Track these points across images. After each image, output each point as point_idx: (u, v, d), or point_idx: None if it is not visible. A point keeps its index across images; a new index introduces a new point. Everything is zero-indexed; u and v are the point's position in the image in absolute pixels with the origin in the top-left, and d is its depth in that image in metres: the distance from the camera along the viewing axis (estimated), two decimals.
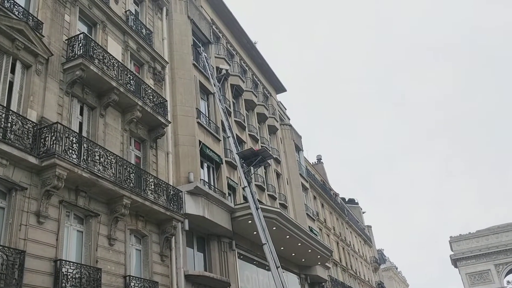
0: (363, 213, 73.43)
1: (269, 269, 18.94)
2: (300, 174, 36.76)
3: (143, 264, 16.02)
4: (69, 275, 12.32)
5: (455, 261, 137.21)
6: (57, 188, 12.33)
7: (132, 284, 14.57)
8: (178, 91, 21.34)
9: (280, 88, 38.70)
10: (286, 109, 41.26)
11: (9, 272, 10.65)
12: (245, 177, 19.93)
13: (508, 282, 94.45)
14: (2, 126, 11.58)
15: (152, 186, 16.49)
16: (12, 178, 11.65)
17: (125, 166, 15.28)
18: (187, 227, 18.18)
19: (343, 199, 62.65)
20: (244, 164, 20.37)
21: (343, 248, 49.16)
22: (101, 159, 14.23)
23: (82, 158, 13.46)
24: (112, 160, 14.69)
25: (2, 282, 10.44)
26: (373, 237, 73.46)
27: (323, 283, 34.84)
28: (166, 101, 19.50)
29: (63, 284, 12.04)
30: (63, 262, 12.32)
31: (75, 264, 12.73)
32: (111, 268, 14.06)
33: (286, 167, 35.07)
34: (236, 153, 20.46)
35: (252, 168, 21.13)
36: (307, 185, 39.22)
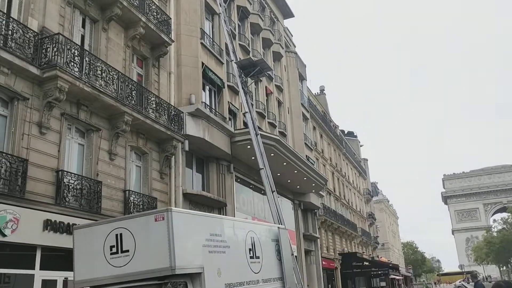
0: (361, 146, 74.26)
1: (264, 194, 19.46)
2: (301, 103, 36.68)
3: (142, 180, 16.43)
4: (71, 185, 12.70)
5: (445, 198, 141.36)
6: (58, 100, 12.35)
7: (131, 198, 15.04)
8: (183, 9, 20.71)
9: (287, 13, 37.52)
10: (292, 36, 40.29)
11: (12, 178, 10.96)
12: (246, 103, 19.87)
13: (494, 220, 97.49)
14: (2, 33, 11.37)
15: (154, 105, 16.52)
16: (14, 88, 11.63)
17: (126, 83, 15.21)
18: (187, 148, 18.45)
19: (342, 131, 63.05)
20: (242, 75, 20.03)
21: (338, 179, 50.27)
22: (103, 74, 14.13)
23: (83, 72, 13.36)
24: (114, 75, 14.59)
25: (6, 188, 10.78)
26: (368, 170, 74.89)
27: (315, 210, 36.01)
28: (170, 19, 19.01)
29: (65, 194, 12.43)
30: (65, 173, 12.64)
31: (76, 176, 13.07)
32: (111, 182, 14.44)
33: (288, 96, 34.92)
34: (235, 62, 20.04)
35: (249, 79, 20.81)
36: (308, 115, 39.29)
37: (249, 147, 20.31)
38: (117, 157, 14.92)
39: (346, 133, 67.38)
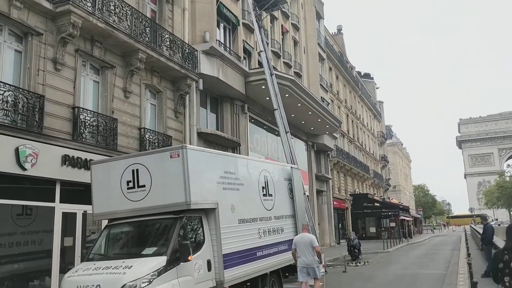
0: (377, 88, 73.25)
1: (278, 134, 19.53)
2: (318, 43, 35.86)
3: (157, 118, 16.55)
4: (87, 122, 12.85)
5: (460, 143, 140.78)
6: (72, 36, 12.23)
7: (147, 136, 15.22)
8: None
9: None
10: None
11: (30, 114, 11.10)
12: (261, 42, 19.49)
13: (508, 165, 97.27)
14: None
15: (168, 43, 16.29)
16: (27, 22, 11.51)
17: (140, 19, 14.94)
18: (201, 87, 18.38)
19: (359, 73, 61.97)
20: (256, 8, 19.47)
21: (352, 121, 50.07)
22: (116, 10, 13.86)
23: (97, 7, 13.10)
24: (128, 11, 14.31)
25: (24, 123, 10.95)
26: (384, 112, 74.29)
27: (328, 152, 36.22)
28: None
29: (81, 130, 12.62)
30: (81, 109, 12.75)
31: (92, 113, 13.20)
32: (126, 119, 14.57)
33: (304, 35, 34.10)
34: None
35: (264, 12, 20.30)
36: (324, 55, 38.52)
37: (263, 87, 20.16)
38: (132, 95, 14.96)
39: (362, 74, 66.24)
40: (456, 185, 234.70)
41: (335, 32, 54.59)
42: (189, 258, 7.83)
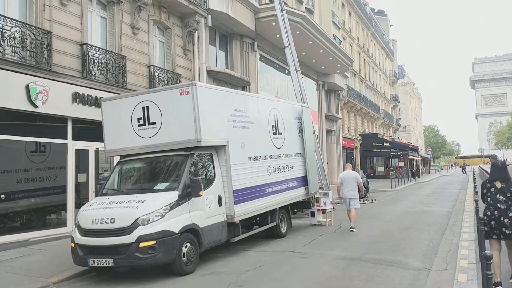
0: (391, 26, 71.15)
1: (288, 73, 19.28)
2: None
3: (166, 56, 16.35)
4: (96, 59, 12.74)
5: (473, 83, 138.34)
6: None
7: (156, 73, 15.11)
8: None
9: None
10: None
11: (38, 51, 11.01)
12: None
13: None
14: None
15: None
16: None
17: None
18: (210, 23, 17.97)
19: (372, 9, 59.98)
20: None
21: (364, 60, 49.12)
22: None
23: None
24: None
25: (33, 60, 10.89)
26: (396, 51, 72.63)
27: (339, 91, 35.87)
28: None
29: (90, 68, 12.54)
30: (89, 46, 12.60)
31: (100, 50, 13.05)
32: (135, 57, 14.42)
33: None
34: None
35: None
36: None
37: (274, 23, 19.65)
38: (140, 31, 14.70)
39: (376, 11, 64.13)
40: (467, 127, 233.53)
41: None
42: (200, 193, 8.01)
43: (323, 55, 26.93)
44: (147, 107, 8.59)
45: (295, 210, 13.00)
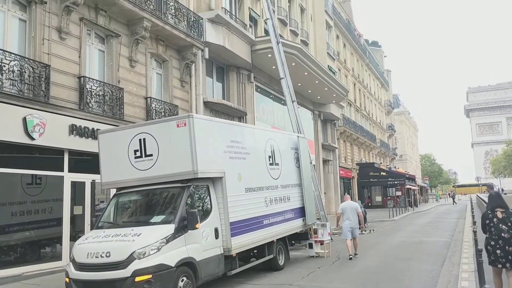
0: (385, 57, 72.22)
1: (284, 104, 19.43)
2: (325, 10, 35.21)
3: (163, 88, 16.50)
4: (93, 91, 12.85)
5: (468, 112, 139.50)
6: (76, 4, 12.09)
7: (153, 105, 15.21)
8: None
9: None
10: None
11: (36, 84, 11.10)
12: (268, 9, 19.17)
13: None
14: None
15: (173, 11, 16.08)
16: None
17: None
18: (207, 56, 18.22)
19: (366, 41, 61.00)
20: None
21: (360, 90, 49.65)
22: None
23: None
24: None
25: (31, 93, 10.97)
26: (391, 81, 73.52)
27: (335, 121, 36.10)
28: None
29: (88, 100, 12.63)
30: (87, 79, 12.73)
31: (98, 82, 13.17)
32: (132, 89, 14.54)
33: (311, 2, 33.47)
34: None
35: None
36: (331, 23, 37.88)
37: (270, 55, 19.95)
38: (138, 64, 14.87)
39: (370, 42, 65.22)
40: (463, 155, 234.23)
41: None
42: (197, 226, 7.94)
43: (319, 85, 27.24)
44: (144, 139, 8.61)
45: (293, 242, 12.88)
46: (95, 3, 13.14)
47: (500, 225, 6.62)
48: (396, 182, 45.12)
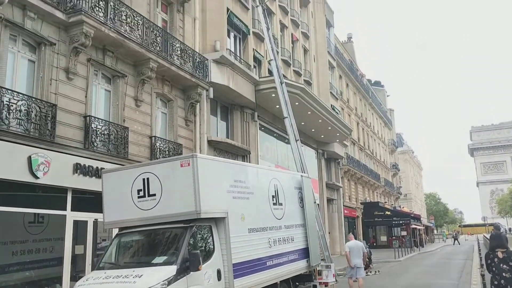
0: (387, 96, 72.95)
1: (288, 142, 19.49)
2: (328, 51, 35.88)
3: (168, 127, 16.64)
4: (98, 131, 12.97)
5: (472, 151, 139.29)
6: (84, 45, 12.38)
7: (157, 144, 15.30)
8: None
9: None
10: None
11: (42, 123, 11.23)
12: (272, 50, 19.55)
13: None
14: None
15: (179, 52, 16.43)
16: (41, 33, 11.69)
17: (151, 29, 15.08)
18: (211, 95, 18.47)
19: (369, 80, 61.80)
20: (267, 22, 19.68)
21: (363, 129, 49.87)
22: (128, 20, 14.02)
23: (108, 17, 13.27)
24: (139, 21, 14.47)
25: (37, 132, 11.08)
26: (394, 120, 73.92)
27: (339, 160, 36.08)
28: None
29: (93, 139, 12.73)
30: (92, 118, 12.87)
31: (103, 121, 13.31)
32: (137, 128, 14.67)
33: (314, 43, 34.14)
34: None
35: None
36: (334, 63, 38.51)
37: (273, 95, 20.18)
38: (143, 103, 15.07)
39: (372, 82, 66.06)
40: (469, 194, 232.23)
41: (345, 40, 54.57)
42: (199, 267, 7.81)
43: (322, 124, 27.40)
44: (148, 178, 8.61)
45: (297, 284, 12.60)
46: (103, 45, 13.46)
47: (501, 264, 6.82)
48: (401, 222, 44.59)
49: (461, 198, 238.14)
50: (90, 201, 12.19)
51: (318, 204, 19.42)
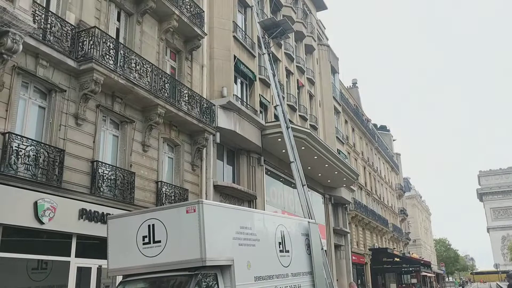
0: (394, 140, 73.04)
1: (295, 187, 19.39)
2: (333, 97, 36.30)
3: (174, 171, 16.67)
4: (105, 176, 13.00)
5: (481, 195, 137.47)
6: (94, 92, 12.63)
7: (164, 189, 15.28)
8: (216, 2, 20.77)
9: (320, 5, 37.12)
10: (325, 29, 39.86)
11: (50, 168, 11.30)
12: (278, 96, 19.83)
13: None
14: (42, 27, 11.68)
15: (186, 98, 16.69)
16: (52, 80, 11.97)
17: (160, 76, 15.40)
18: (218, 140, 18.59)
19: (375, 125, 62.11)
20: (264, 36, 20.16)
21: (370, 173, 49.64)
22: (137, 67, 14.35)
23: (118, 65, 13.60)
24: (148, 68, 14.80)
25: (44, 177, 11.13)
26: (401, 165, 73.63)
27: (346, 205, 35.71)
28: (203, 12, 19.10)
29: (99, 184, 12.75)
30: (100, 163, 12.94)
31: (110, 166, 13.37)
32: (144, 173, 14.70)
33: (319, 89, 34.62)
34: (258, 22, 20.17)
35: (271, 40, 21.09)
36: (340, 108, 38.87)
37: (279, 140, 20.28)
38: (150, 148, 15.17)
39: (378, 127, 66.36)
40: (479, 239, 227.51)
41: (350, 86, 55.33)
42: None
43: (329, 169, 27.33)
44: (153, 225, 8.55)
45: None
46: (112, 91, 13.72)
47: None
48: (411, 269, 43.55)
49: (471, 244, 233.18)
50: (95, 247, 12.06)
51: (325, 251, 19.07)
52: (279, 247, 10.88)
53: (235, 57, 20.80)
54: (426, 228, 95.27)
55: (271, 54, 21.67)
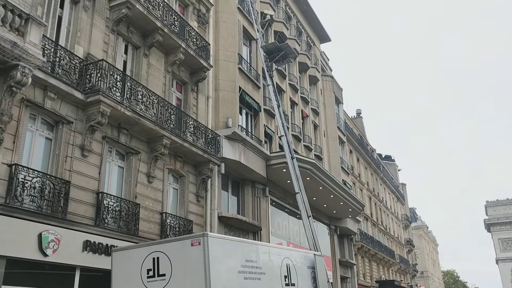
0: (399, 170, 72.71)
1: (300, 218, 19.25)
2: (337, 127, 36.43)
3: (179, 202, 16.61)
4: (110, 207, 12.97)
5: (488, 226, 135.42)
6: (100, 124, 12.74)
7: (168, 220, 15.20)
8: (221, 35, 21.16)
9: (324, 38, 37.70)
10: (328, 60, 40.36)
11: (55, 200, 11.30)
12: (282, 126, 19.92)
13: None
14: (50, 60, 11.90)
15: (192, 129, 16.80)
16: (59, 112, 12.10)
17: (166, 107, 15.55)
18: (223, 171, 18.59)
19: (380, 155, 61.99)
20: (267, 60, 20.28)
21: (375, 204, 49.24)
22: (144, 99, 14.51)
23: (125, 96, 13.77)
24: (154, 100, 14.96)
25: (49, 209, 11.12)
26: (407, 195, 73.05)
27: (352, 236, 35.30)
28: (209, 44, 19.43)
29: (104, 215, 12.70)
30: (105, 195, 12.94)
31: (115, 198, 13.36)
32: (149, 204, 14.66)
33: (324, 119, 34.79)
34: (261, 47, 20.40)
35: (274, 64, 21.20)
36: (344, 138, 38.93)
37: (284, 170, 20.25)
38: (155, 179, 15.18)
39: (383, 157, 66.20)
40: (488, 270, 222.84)
41: (354, 116, 55.55)
42: None
43: (334, 200, 27.16)
44: (158, 258, 8.49)
45: None
46: (118, 123, 13.83)
47: None
48: None
49: (480, 275, 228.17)
50: (99, 279, 11.91)
51: (331, 283, 18.75)
52: (285, 281, 10.74)
53: (240, 88, 21.03)
54: (434, 259, 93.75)
55: (274, 82, 21.89)
